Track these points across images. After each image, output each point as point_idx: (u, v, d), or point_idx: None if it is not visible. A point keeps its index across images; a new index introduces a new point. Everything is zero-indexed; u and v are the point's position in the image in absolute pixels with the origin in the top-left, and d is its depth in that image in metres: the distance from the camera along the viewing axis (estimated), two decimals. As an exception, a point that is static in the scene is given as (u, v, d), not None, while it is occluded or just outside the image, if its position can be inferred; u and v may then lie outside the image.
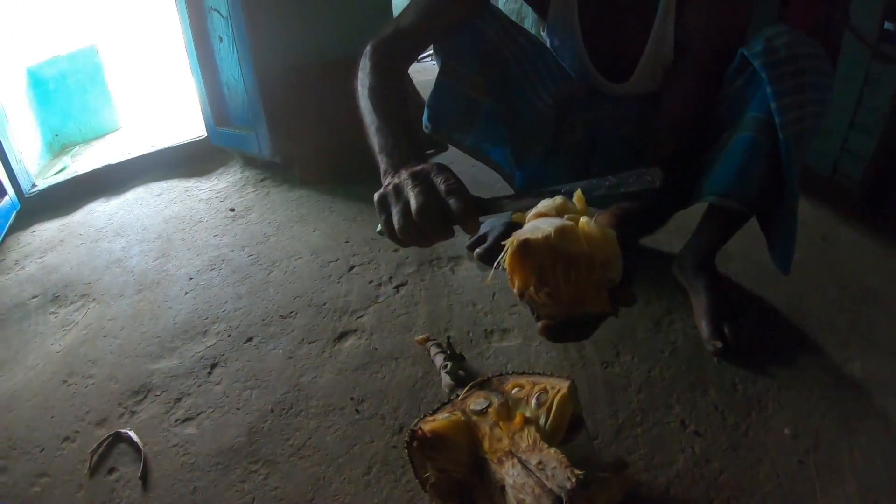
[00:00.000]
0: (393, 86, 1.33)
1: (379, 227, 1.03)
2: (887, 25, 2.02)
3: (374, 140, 1.18)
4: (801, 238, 1.90)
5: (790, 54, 1.24)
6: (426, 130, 1.58)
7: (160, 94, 4.45)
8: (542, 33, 1.70)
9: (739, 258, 1.40)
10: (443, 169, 0.98)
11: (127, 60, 4.50)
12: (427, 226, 0.94)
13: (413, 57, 1.49)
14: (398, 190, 0.98)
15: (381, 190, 1.01)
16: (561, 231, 0.85)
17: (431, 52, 1.59)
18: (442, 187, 0.95)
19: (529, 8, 1.71)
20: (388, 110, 1.24)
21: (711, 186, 1.35)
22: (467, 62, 1.53)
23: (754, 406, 1.39)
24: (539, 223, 0.88)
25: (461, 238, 2.07)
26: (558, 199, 0.93)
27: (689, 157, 1.39)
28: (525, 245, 0.84)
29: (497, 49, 1.55)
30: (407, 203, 0.96)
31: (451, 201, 0.94)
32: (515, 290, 0.89)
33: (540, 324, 0.93)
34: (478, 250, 1.96)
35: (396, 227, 0.97)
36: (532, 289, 0.87)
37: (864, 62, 2.09)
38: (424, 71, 2.73)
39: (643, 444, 1.31)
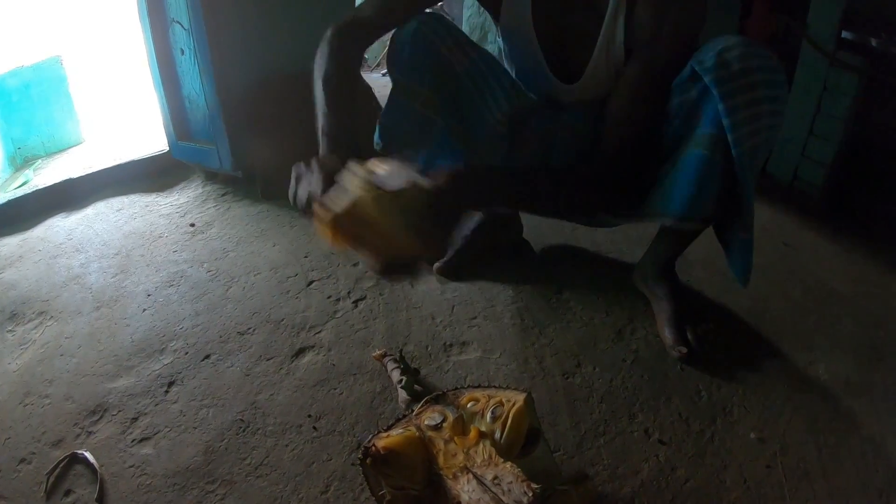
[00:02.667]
0: (345, 73, 1.46)
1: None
2: (845, 34, 2.07)
3: (318, 122, 1.39)
4: (764, 243, 1.95)
5: (743, 68, 1.25)
6: (376, 148, 1.60)
7: (124, 108, 4.40)
8: (497, 38, 1.71)
9: (701, 265, 1.43)
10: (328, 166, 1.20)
11: (91, 72, 4.45)
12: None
13: (369, 44, 1.61)
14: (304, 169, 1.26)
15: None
16: (355, 203, 1.03)
17: (385, 68, 1.63)
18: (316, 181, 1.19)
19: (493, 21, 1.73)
20: (336, 97, 1.40)
21: (667, 207, 1.37)
22: (420, 80, 1.55)
23: (719, 412, 1.41)
24: (342, 192, 1.08)
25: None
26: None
27: (632, 159, 1.40)
28: (333, 220, 1.05)
29: (449, 64, 1.56)
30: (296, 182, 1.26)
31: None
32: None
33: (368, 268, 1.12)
34: (437, 264, 1.97)
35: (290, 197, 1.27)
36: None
37: (822, 70, 2.14)
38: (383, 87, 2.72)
39: (606, 455, 1.32)
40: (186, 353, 1.75)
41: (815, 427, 1.39)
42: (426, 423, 1.16)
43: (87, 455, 1.44)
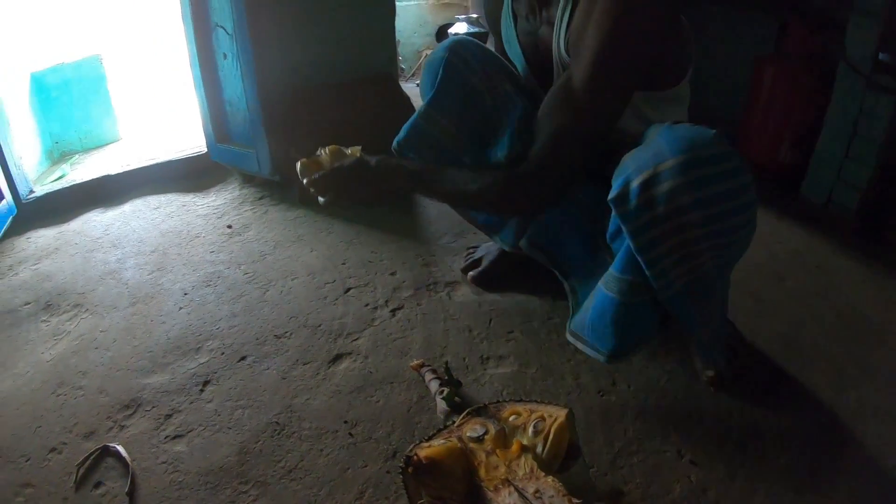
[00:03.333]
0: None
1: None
2: (882, 56, 2.05)
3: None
4: (797, 267, 1.93)
5: (671, 209, 1.11)
6: (393, 148, 1.71)
7: (162, 108, 4.44)
8: None
9: (735, 287, 1.41)
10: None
11: (131, 72, 4.50)
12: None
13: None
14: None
15: None
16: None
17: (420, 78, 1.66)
18: None
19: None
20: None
21: (597, 343, 1.38)
22: (444, 111, 1.61)
23: (750, 435, 1.39)
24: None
25: (458, 262, 2.09)
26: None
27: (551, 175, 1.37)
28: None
29: (480, 95, 1.60)
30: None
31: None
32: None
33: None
34: (472, 273, 1.97)
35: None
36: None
37: (859, 92, 2.12)
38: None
39: (639, 474, 1.31)
40: (222, 353, 1.75)
41: (844, 453, 1.37)
42: (468, 434, 1.15)
43: (120, 448, 1.44)
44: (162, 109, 4.42)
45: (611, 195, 1.17)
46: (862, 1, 2.09)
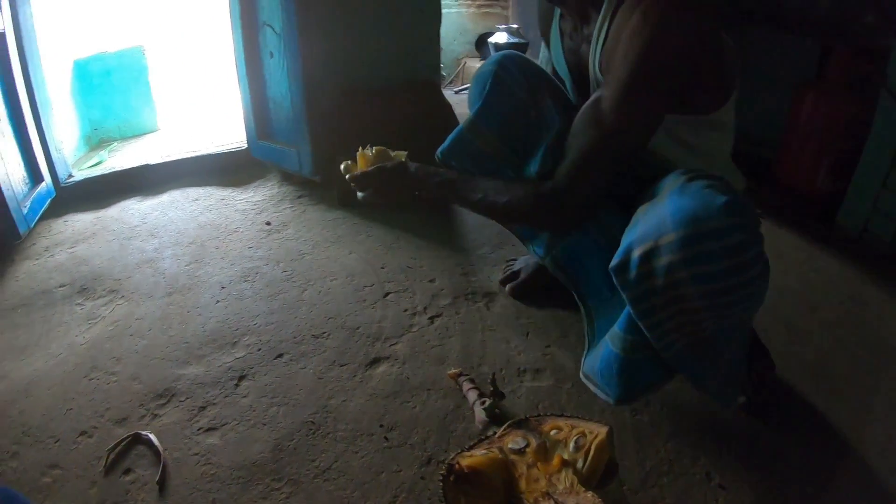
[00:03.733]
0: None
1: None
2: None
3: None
4: (831, 296, 1.91)
5: (669, 282, 1.09)
6: (437, 157, 1.70)
7: (201, 101, 4.47)
8: None
9: (767, 313, 1.39)
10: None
11: (173, 65, 4.53)
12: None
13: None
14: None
15: None
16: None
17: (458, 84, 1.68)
18: None
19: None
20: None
21: (606, 388, 1.35)
22: (490, 124, 1.60)
23: (778, 461, 1.37)
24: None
25: (497, 273, 2.07)
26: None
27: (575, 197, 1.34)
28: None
29: (525, 111, 1.59)
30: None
31: None
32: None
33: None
34: (510, 286, 1.95)
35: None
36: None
37: None
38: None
39: (669, 495, 1.29)
40: (259, 349, 1.73)
41: (869, 486, 1.34)
42: (510, 446, 1.15)
43: (152, 437, 1.42)
44: (201, 103, 4.45)
45: (612, 264, 1.15)
46: None
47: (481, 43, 5.30)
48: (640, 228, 1.13)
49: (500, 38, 4.79)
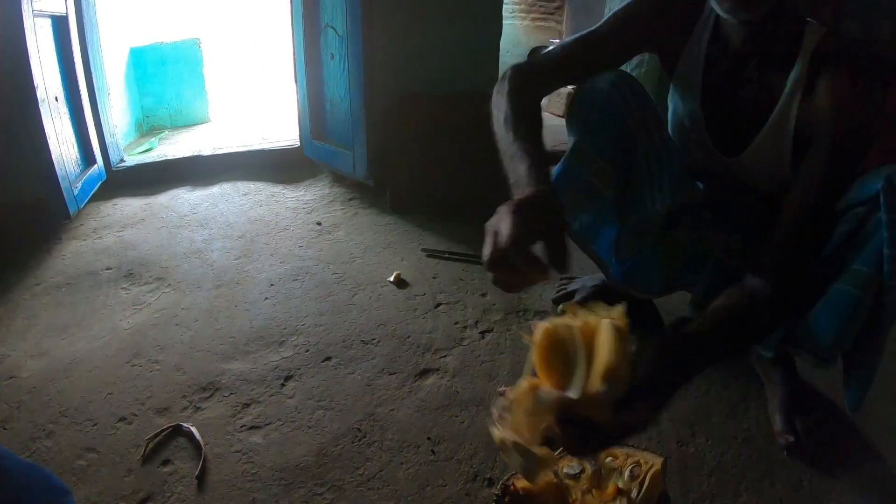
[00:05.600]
0: (528, 114, 1.28)
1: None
2: None
3: (506, 168, 1.16)
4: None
5: None
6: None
7: (254, 97, 4.50)
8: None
9: None
10: (535, 206, 0.96)
11: (227, 59, 4.57)
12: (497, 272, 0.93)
13: (549, 89, 1.45)
14: (495, 221, 0.95)
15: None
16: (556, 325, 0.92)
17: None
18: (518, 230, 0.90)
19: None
20: (522, 139, 1.18)
21: (809, 341, 1.33)
22: (600, 149, 1.49)
23: (824, 502, 1.33)
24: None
25: (548, 291, 2.02)
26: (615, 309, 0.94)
27: (797, 265, 1.31)
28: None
29: (633, 139, 1.50)
30: (496, 235, 0.92)
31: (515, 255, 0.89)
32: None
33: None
34: (562, 306, 1.90)
35: (483, 258, 0.93)
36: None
37: None
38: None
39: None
40: (307, 350, 1.70)
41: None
42: (564, 471, 1.14)
43: (193, 430, 1.39)
44: (254, 99, 4.47)
45: (881, 185, 1.19)
46: None
47: (534, 55, 5.28)
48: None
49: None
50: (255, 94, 4.59)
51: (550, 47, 1.48)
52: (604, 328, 0.86)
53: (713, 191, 1.58)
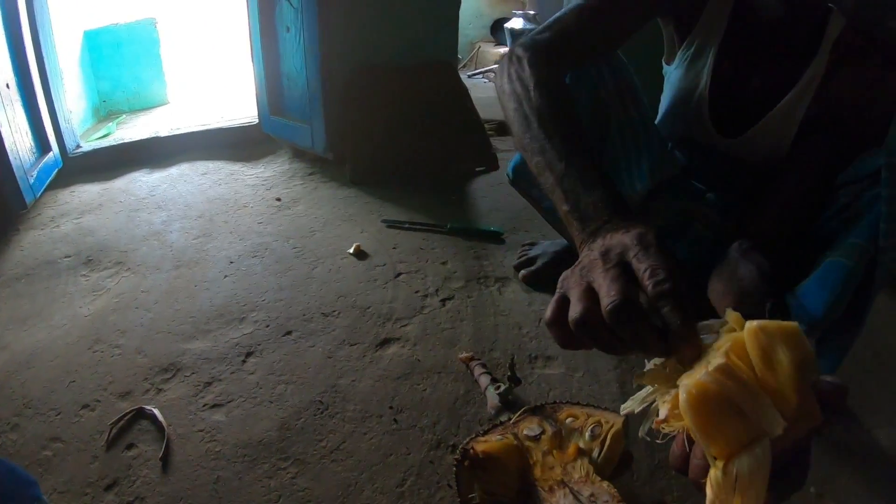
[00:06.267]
0: (571, 112, 1.06)
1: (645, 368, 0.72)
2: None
3: (559, 189, 0.90)
4: None
5: None
6: (508, 177, 1.55)
7: (213, 75, 4.45)
8: (664, 64, 1.62)
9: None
10: (648, 245, 0.71)
11: (184, 38, 4.50)
12: (625, 332, 0.66)
13: (572, 69, 1.31)
14: (583, 274, 0.72)
15: (563, 276, 0.75)
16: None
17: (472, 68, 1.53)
18: (647, 280, 0.67)
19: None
20: (573, 150, 0.93)
21: (801, 310, 1.32)
22: None
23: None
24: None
25: (509, 258, 2.03)
26: None
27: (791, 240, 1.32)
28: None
29: (606, 113, 1.44)
30: (589, 294, 0.70)
31: (665, 310, 0.66)
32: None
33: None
34: (524, 272, 1.91)
35: (573, 322, 0.69)
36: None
37: None
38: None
39: (677, 487, 1.26)
40: (267, 325, 1.70)
41: (874, 490, 1.32)
42: (525, 432, 1.13)
43: (156, 412, 1.39)
44: (212, 77, 4.43)
45: (884, 161, 1.15)
46: None
47: (497, 28, 5.26)
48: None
49: (515, 23, 4.75)
50: (214, 72, 4.54)
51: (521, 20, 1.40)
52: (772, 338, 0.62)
53: (696, 162, 1.57)
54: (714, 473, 0.64)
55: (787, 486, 0.67)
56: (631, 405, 0.72)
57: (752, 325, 0.61)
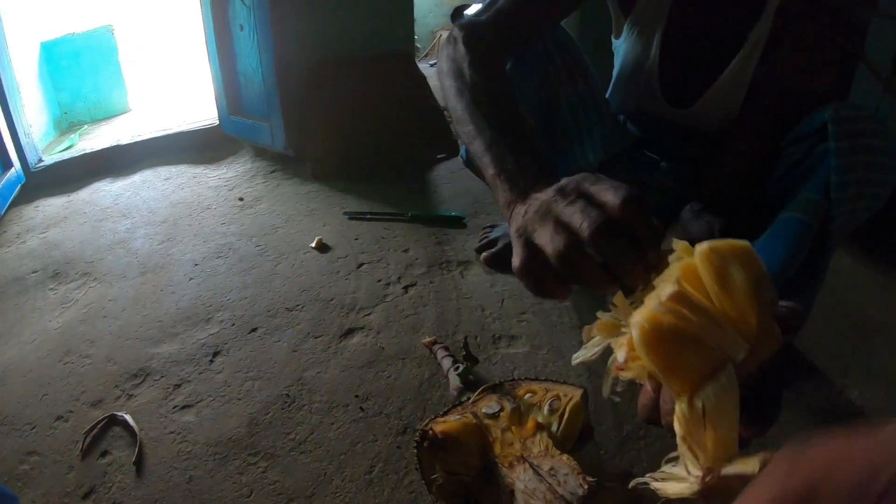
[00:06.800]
0: (504, 86, 1.07)
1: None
2: (903, 61, 2.01)
3: (488, 155, 0.90)
4: None
5: (866, 128, 1.18)
6: (462, 159, 1.56)
7: (173, 79, 4.42)
8: (612, 39, 1.62)
9: None
10: (598, 177, 0.68)
11: (142, 43, 4.47)
12: (611, 251, 0.63)
13: (509, 52, 1.30)
14: (544, 213, 0.70)
15: (517, 224, 0.74)
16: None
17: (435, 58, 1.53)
18: (613, 195, 0.64)
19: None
20: (504, 119, 0.96)
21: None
22: (520, 98, 1.33)
23: (753, 424, 1.38)
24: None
25: (471, 242, 2.06)
26: None
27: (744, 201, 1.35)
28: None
29: (554, 89, 1.44)
30: (560, 228, 0.66)
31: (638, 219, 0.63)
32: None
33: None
34: (485, 254, 1.93)
35: (556, 255, 0.65)
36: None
37: (875, 95, 2.08)
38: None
39: (646, 457, 1.29)
40: (233, 324, 1.72)
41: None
42: (483, 410, 1.14)
43: (127, 417, 1.41)
44: (173, 81, 4.40)
45: (829, 114, 1.19)
46: (886, 4, 2.05)
47: (457, 15, 5.25)
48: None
49: (475, 10, 4.74)
50: (174, 76, 4.51)
51: (481, 5, 1.29)
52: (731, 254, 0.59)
53: (648, 132, 1.59)
54: (680, 409, 0.59)
55: (762, 420, 0.64)
56: (583, 354, 0.67)
57: (702, 246, 0.58)
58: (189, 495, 1.24)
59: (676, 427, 0.60)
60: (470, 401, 1.18)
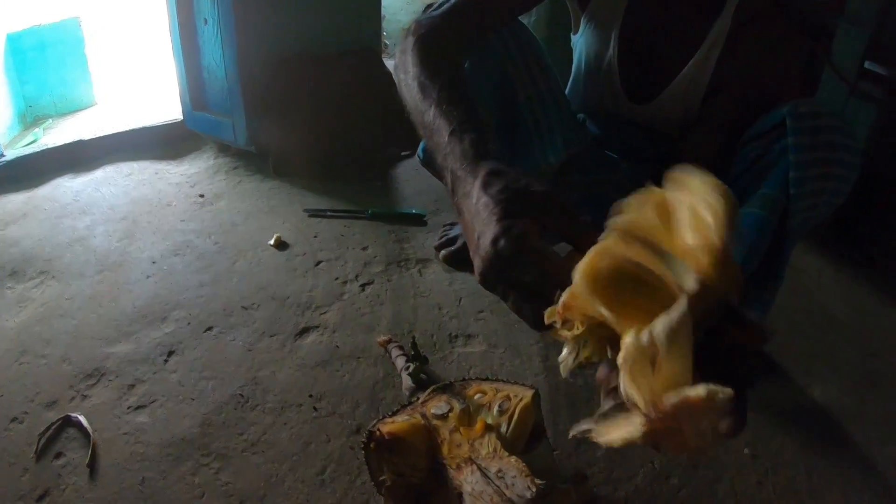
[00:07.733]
0: (448, 74, 1.07)
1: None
2: (868, 65, 2.04)
3: (434, 143, 0.97)
4: None
5: (824, 125, 1.20)
6: (419, 158, 1.55)
7: (140, 73, 4.38)
8: (571, 36, 1.63)
9: None
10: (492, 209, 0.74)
11: (110, 36, 4.42)
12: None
13: (462, 45, 1.25)
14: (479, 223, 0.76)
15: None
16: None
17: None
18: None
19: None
20: (449, 106, 0.98)
21: None
22: (478, 97, 1.27)
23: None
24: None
25: (431, 240, 2.07)
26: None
27: None
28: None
29: (512, 88, 1.43)
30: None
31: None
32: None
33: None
34: (444, 252, 1.94)
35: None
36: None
37: (841, 99, 2.11)
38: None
39: (603, 458, 1.31)
40: (188, 323, 1.73)
41: (808, 448, 1.38)
42: (432, 411, 1.15)
43: (81, 419, 1.42)
44: (139, 75, 4.36)
45: (786, 110, 1.22)
46: (852, 9, 2.08)
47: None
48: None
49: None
50: (141, 70, 4.47)
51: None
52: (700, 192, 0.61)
53: (609, 132, 1.60)
54: (626, 346, 0.54)
55: (739, 379, 0.58)
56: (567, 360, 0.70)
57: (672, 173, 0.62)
58: (142, 497, 1.25)
59: (622, 371, 0.55)
60: (419, 401, 1.19)
